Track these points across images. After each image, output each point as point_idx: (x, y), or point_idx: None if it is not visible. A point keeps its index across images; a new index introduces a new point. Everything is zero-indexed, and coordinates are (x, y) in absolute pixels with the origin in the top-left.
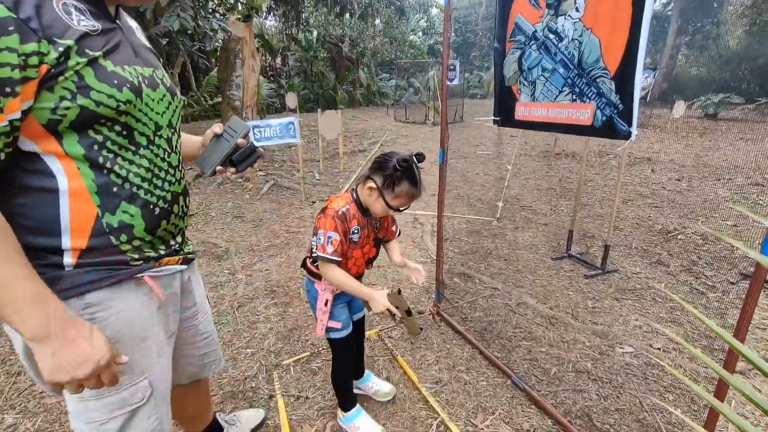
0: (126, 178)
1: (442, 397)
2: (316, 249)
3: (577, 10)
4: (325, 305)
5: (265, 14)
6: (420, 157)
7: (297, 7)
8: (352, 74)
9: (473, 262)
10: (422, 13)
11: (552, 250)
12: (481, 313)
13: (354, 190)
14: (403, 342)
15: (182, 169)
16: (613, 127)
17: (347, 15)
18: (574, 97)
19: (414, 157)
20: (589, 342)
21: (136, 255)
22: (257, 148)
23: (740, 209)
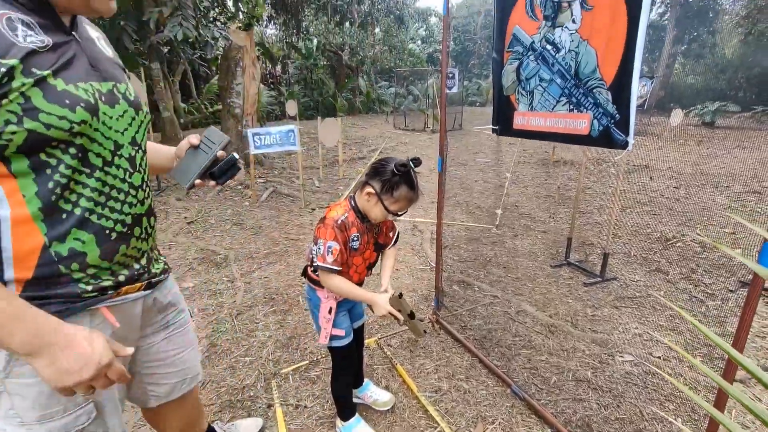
0: (76, 203)
1: (442, 406)
2: (316, 258)
3: (574, 22)
4: (329, 313)
5: (265, 23)
6: (416, 161)
7: (297, 16)
8: (352, 82)
9: (472, 270)
10: (421, 22)
11: (551, 258)
12: (481, 321)
13: (352, 197)
14: (402, 350)
15: (147, 188)
16: (610, 136)
17: (347, 24)
18: (572, 107)
19: (410, 162)
20: (589, 350)
21: (90, 286)
22: (238, 160)
23: (737, 218)
